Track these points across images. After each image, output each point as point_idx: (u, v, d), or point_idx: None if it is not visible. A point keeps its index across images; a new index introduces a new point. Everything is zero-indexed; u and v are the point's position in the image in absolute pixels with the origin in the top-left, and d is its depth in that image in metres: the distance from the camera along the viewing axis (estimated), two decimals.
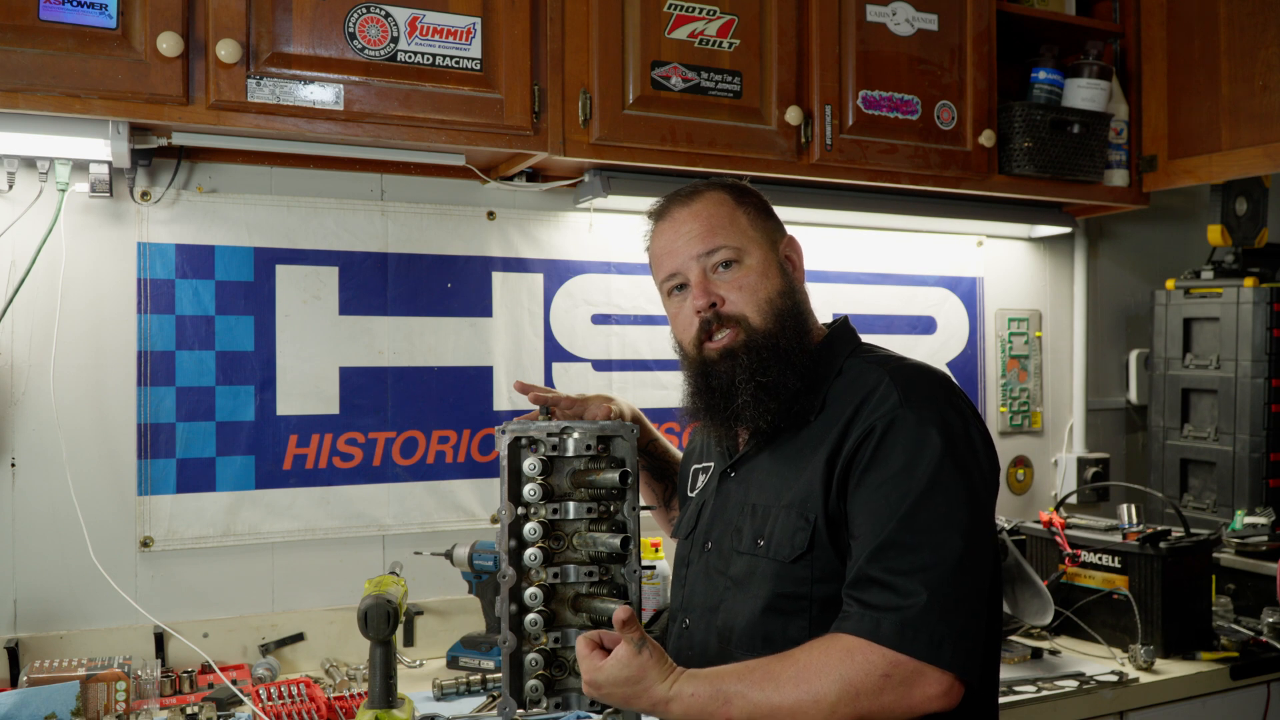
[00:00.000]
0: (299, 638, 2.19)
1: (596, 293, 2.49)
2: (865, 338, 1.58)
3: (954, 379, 1.51)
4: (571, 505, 1.57)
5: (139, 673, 1.93)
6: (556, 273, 2.45)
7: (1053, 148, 2.52)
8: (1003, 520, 2.60)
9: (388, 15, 1.87)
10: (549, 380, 2.44)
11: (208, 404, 2.13)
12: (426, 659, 2.27)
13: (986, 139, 2.40)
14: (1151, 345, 3.08)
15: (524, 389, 1.68)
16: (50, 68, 1.66)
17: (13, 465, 2.00)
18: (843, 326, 1.57)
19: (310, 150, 2.10)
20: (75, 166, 1.98)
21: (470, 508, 2.37)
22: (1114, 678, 2.11)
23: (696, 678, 1.31)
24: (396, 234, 2.30)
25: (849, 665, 1.25)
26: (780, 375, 1.45)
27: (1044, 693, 2.04)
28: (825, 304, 2.71)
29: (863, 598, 1.29)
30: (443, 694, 1.98)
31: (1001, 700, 1.92)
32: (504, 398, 2.39)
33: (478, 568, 2.16)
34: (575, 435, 1.58)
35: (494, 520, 2.37)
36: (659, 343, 2.53)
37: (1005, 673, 2.09)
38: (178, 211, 2.11)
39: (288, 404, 2.20)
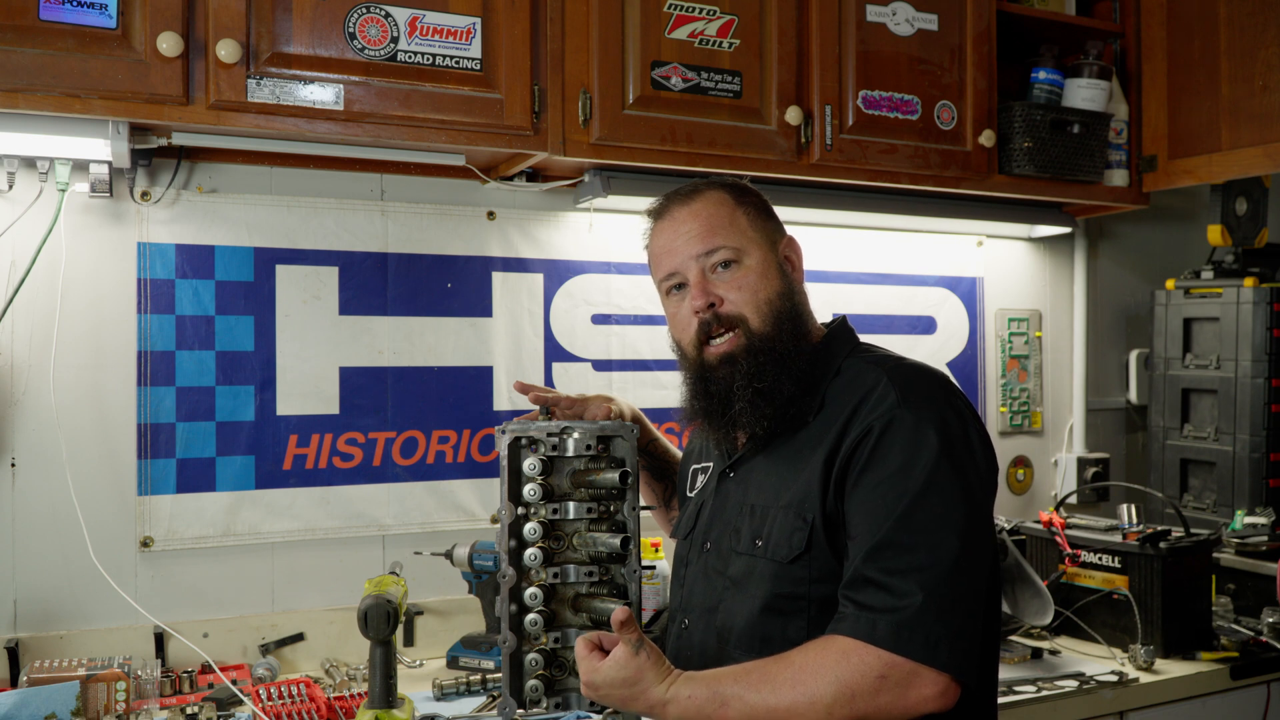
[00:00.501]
0: (299, 638, 2.19)
1: (596, 293, 2.49)
2: (865, 338, 1.58)
3: (953, 379, 1.51)
4: (571, 505, 1.57)
5: (139, 673, 1.93)
6: (556, 273, 2.45)
7: (1053, 148, 2.52)
8: (1003, 520, 2.60)
9: (388, 15, 1.87)
10: (549, 380, 2.44)
11: (208, 404, 2.13)
12: (426, 659, 2.27)
13: (986, 139, 2.40)
14: (1151, 345, 3.08)
15: (524, 389, 1.68)
16: (50, 68, 1.66)
17: (13, 465, 2.00)
18: (841, 326, 1.57)
19: (310, 150, 2.10)
20: (75, 166, 1.98)
21: (470, 508, 2.37)
22: (1114, 678, 2.11)
23: (694, 680, 1.31)
24: (396, 234, 2.30)
25: (845, 667, 1.25)
26: (777, 380, 1.45)
27: (1044, 693, 2.04)
28: (825, 304, 2.71)
29: (858, 599, 1.29)
30: (443, 694, 1.99)
31: (1001, 700, 1.92)
32: (504, 398, 2.39)
33: (478, 568, 2.16)
34: (575, 435, 1.58)
35: (494, 520, 2.37)
36: (659, 343, 2.53)
37: (1005, 673, 2.09)
38: (178, 211, 2.12)
39: (288, 404, 2.20)
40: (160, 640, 2.07)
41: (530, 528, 1.54)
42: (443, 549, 2.22)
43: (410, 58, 1.89)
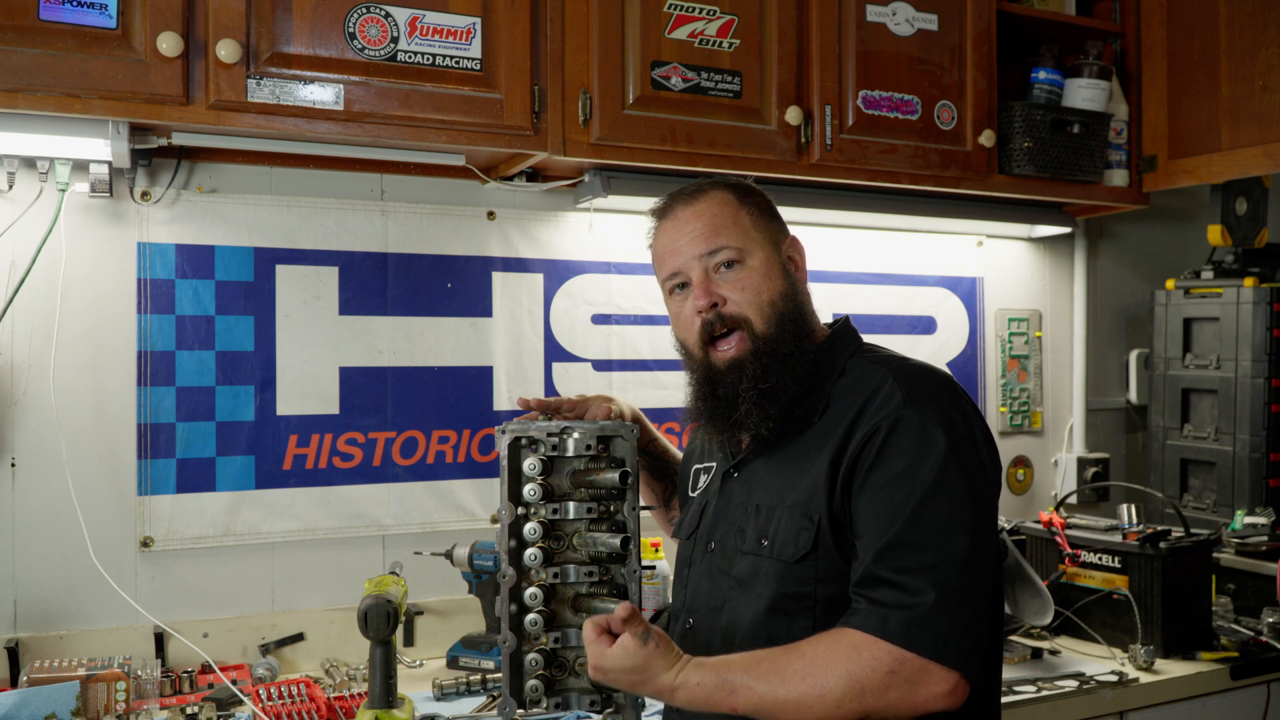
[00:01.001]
0: (299, 638, 2.19)
1: (596, 293, 2.49)
2: (866, 338, 1.58)
3: (955, 379, 1.51)
4: (571, 505, 1.57)
5: (139, 673, 1.93)
6: (556, 273, 2.45)
7: (1053, 148, 2.52)
8: (1003, 520, 2.60)
9: (388, 15, 1.87)
10: (549, 379, 2.44)
11: (208, 404, 2.13)
12: (426, 659, 2.27)
13: (986, 139, 2.40)
14: (1151, 345, 3.08)
15: (525, 404, 1.66)
16: (50, 68, 1.66)
17: (13, 465, 2.00)
18: (844, 327, 1.57)
19: (310, 150, 2.10)
20: (75, 166, 1.97)
21: (470, 508, 2.37)
22: (1114, 678, 2.11)
23: (703, 666, 1.31)
24: (396, 234, 2.30)
25: (855, 661, 1.25)
26: (781, 380, 1.45)
27: (1044, 693, 2.04)
28: (826, 304, 2.71)
29: (872, 595, 1.29)
30: (443, 694, 1.99)
31: (1001, 700, 1.92)
32: (504, 398, 2.39)
33: (478, 568, 2.16)
34: (575, 435, 1.58)
35: (494, 520, 2.37)
36: (659, 343, 2.53)
37: (1005, 673, 2.08)
38: (178, 211, 2.11)
39: (288, 404, 2.20)
40: (160, 640, 2.06)
41: (530, 528, 1.54)
42: (443, 549, 2.22)
43: (410, 58, 1.89)
